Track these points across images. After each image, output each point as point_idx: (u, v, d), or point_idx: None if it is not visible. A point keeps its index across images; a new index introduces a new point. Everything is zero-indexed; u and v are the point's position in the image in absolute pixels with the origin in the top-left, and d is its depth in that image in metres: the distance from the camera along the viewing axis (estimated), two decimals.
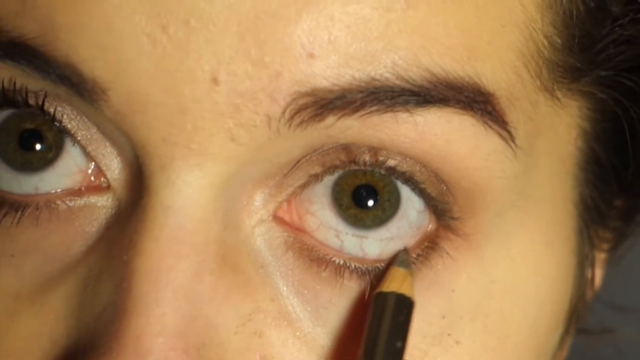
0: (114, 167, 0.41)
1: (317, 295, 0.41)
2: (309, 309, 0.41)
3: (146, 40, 0.37)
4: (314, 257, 0.41)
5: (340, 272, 0.41)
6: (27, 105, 0.41)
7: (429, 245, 0.41)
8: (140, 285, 0.38)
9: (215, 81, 0.37)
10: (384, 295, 0.40)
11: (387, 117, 0.39)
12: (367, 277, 0.41)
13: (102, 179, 0.42)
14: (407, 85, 0.38)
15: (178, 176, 0.38)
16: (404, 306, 0.40)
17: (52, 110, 0.40)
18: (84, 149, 0.41)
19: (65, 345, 0.40)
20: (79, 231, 0.41)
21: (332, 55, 0.38)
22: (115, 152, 0.41)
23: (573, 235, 0.47)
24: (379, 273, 0.41)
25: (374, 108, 0.38)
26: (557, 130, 0.45)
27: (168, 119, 0.38)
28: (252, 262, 0.40)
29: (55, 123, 0.41)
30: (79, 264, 0.41)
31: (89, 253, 0.41)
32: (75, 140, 0.41)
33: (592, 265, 0.51)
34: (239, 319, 0.40)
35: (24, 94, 0.40)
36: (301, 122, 0.38)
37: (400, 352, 0.39)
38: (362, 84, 0.38)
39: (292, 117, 0.38)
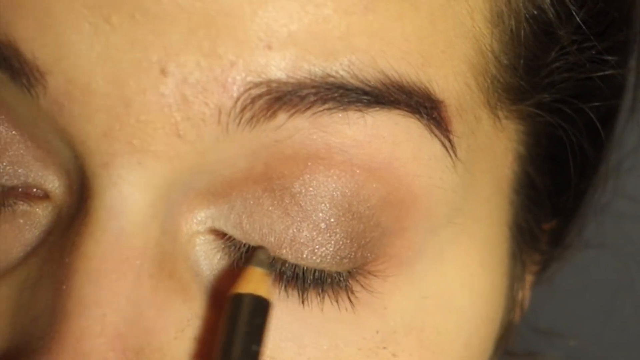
0: (52, 180, 0.40)
1: None
2: None
3: (88, 27, 0.37)
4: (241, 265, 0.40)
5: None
6: None
7: (356, 270, 0.41)
8: (81, 287, 0.37)
9: (163, 72, 0.37)
10: (240, 297, 0.39)
11: (338, 117, 0.38)
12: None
13: (40, 190, 0.41)
14: (361, 85, 0.38)
15: (120, 175, 0.38)
16: (261, 308, 0.39)
17: None
18: (23, 187, 0.40)
19: None
20: (19, 235, 0.41)
21: (290, 48, 0.37)
22: (51, 166, 0.40)
23: (507, 257, 0.47)
24: None
25: (326, 106, 0.38)
26: (495, 151, 0.45)
27: (110, 111, 0.37)
28: (189, 270, 0.40)
29: None
30: (17, 268, 0.40)
31: (28, 258, 0.40)
32: (12, 189, 0.40)
33: (523, 288, 0.51)
34: (179, 324, 0.39)
35: None
36: (252, 117, 0.37)
37: (256, 355, 0.38)
38: (317, 79, 0.38)
39: (243, 110, 0.37)
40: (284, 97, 0.38)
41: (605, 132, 0.52)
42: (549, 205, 0.51)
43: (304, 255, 0.40)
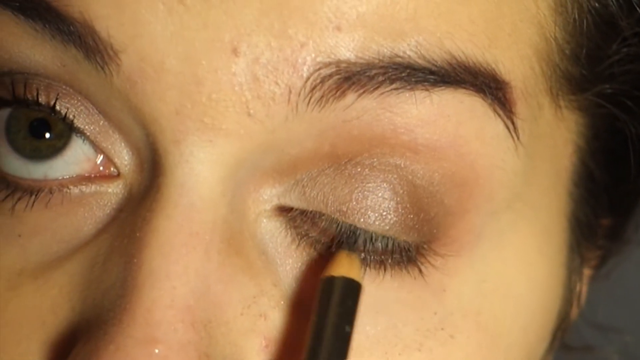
0: (123, 155, 0.41)
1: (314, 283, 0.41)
2: (309, 295, 0.41)
3: (162, 7, 0.37)
4: (305, 243, 0.41)
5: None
6: (38, 104, 0.41)
7: (417, 251, 0.42)
8: (152, 260, 0.38)
9: (235, 52, 0.37)
10: (332, 280, 0.40)
11: (405, 96, 0.39)
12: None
13: (112, 168, 0.42)
14: (428, 65, 0.39)
15: (191, 152, 0.39)
16: (352, 290, 0.40)
17: (62, 110, 0.40)
18: (92, 142, 0.41)
19: (68, 317, 0.40)
20: (89, 214, 0.42)
21: (359, 30, 0.38)
22: (123, 140, 0.41)
23: (565, 248, 0.48)
24: None
25: (393, 86, 0.39)
26: (556, 140, 0.45)
27: (182, 89, 0.38)
28: (255, 248, 0.41)
29: (65, 121, 0.41)
30: (88, 245, 0.41)
31: (99, 235, 0.41)
32: (84, 136, 0.41)
33: (581, 281, 0.52)
34: (245, 300, 0.40)
35: (34, 92, 0.40)
36: (321, 97, 0.38)
37: (348, 336, 0.39)
38: (385, 60, 0.38)
39: (312, 90, 0.38)
40: (352, 77, 0.38)
41: None
42: (607, 200, 0.51)
43: (371, 220, 0.40)
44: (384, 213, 0.40)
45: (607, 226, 0.54)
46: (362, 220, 0.40)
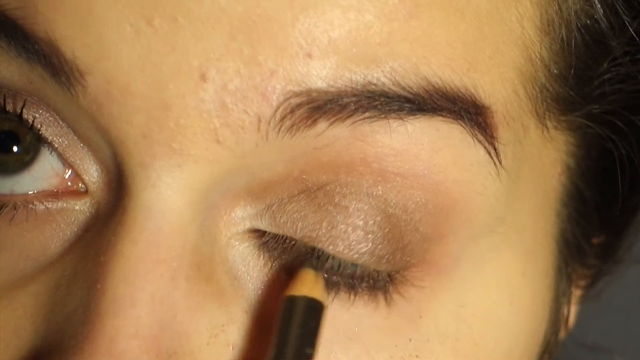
0: (92, 172, 0.40)
1: None
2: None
3: (129, 29, 0.37)
4: (278, 267, 0.40)
5: None
6: (5, 111, 0.40)
7: (390, 279, 0.41)
8: (116, 287, 0.37)
9: (203, 78, 0.37)
10: (294, 299, 0.39)
11: (378, 125, 0.38)
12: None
13: (80, 184, 0.41)
14: (403, 93, 0.38)
15: (159, 177, 0.38)
16: (315, 311, 0.39)
17: (29, 118, 0.40)
18: (61, 155, 0.40)
19: (31, 340, 0.39)
20: (56, 232, 0.41)
21: (331, 57, 0.37)
22: (92, 156, 0.40)
23: (551, 270, 0.47)
24: None
25: (367, 114, 0.38)
26: (543, 161, 0.44)
27: (149, 113, 0.37)
28: (227, 273, 0.40)
29: (33, 131, 0.40)
30: (54, 265, 0.40)
31: (65, 254, 0.40)
32: (53, 148, 0.40)
33: (569, 303, 0.51)
34: (212, 329, 0.39)
35: (1, 100, 0.39)
36: (292, 126, 0.37)
37: (309, 357, 0.38)
38: (358, 87, 0.37)
39: (283, 119, 0.37)
40: (324, 107, 0.37)
41: None
42: (598, 220, 0.50)
43: (339, 249, 0.39)
44: (353, 243, 0.40)
45: (599, 245, 0.53)
46: (330, 247, 0.39)
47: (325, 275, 0.40)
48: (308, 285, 0.39)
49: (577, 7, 0.42)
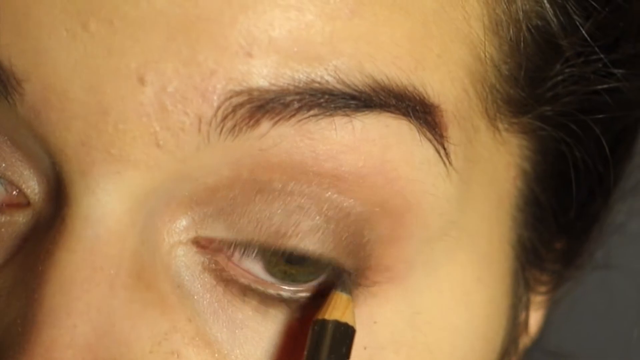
0: (31, 184, 0.39)
1: (231, 316, 0.39)
2: (225, 330, 0.39)
3: (65, 35, 0.36)
4: (226, 277, 0.39)
5: (244, 293, 0.39)
6: None
7: (344, 280, 0.40)
8: (52, 296, 0.37)
9: (141, 80, 0.36)
10: (325, 323, 0.38)
11: (325, 123, 0.37)
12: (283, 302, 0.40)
13: (23, 197, 0.40)
14: (348, 90, 0.37)
15: (97, 184, 0.37)
16: (347, 336, 0.38)
17: None
18: (3, 177, 0.40)
19: None
20: (0, 244, 0.40)
21: (272, 55, 0.36)
22: (31, 168, 0.39)
23: (508, 276, 0.46)
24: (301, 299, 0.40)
25: (311, 112, 0.37)
26: (496, 165, 0.44)
27: (87, 119, 0.36)
28: (169, 281, 0.39)
29: None
30: None
31: (5, 265, 0.40)
32: None
33: (527, 308, 0.50)
34: (155, 337, 0.38)
35: None
36: (234, 127, 0.37)
37: None
38: (301, 85, 0.37)
39: (224, 119, 0.36)
40: (266, 105, 0.37)
41: (620, 149, 0.51)
42: (556, 225, 0.49)
43: (304, 245, 0.39)
44: (302, 246, 0.39)
45: (559, 251, 0.52)
46: (297, 243, 0.39)
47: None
48: (340, 309, 0.39)
49: (527, 7, 0.41)
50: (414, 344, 0.41)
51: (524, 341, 0.52)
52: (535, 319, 0.53)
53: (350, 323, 0.39)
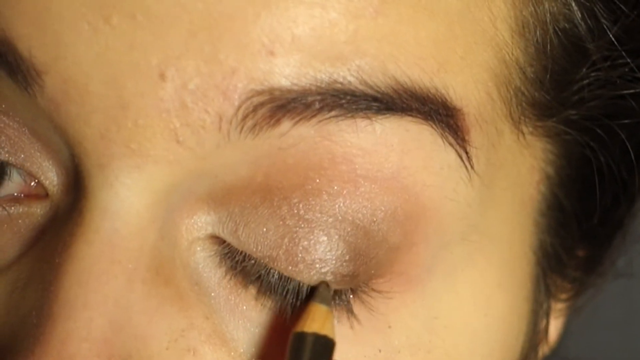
0: (51, 175, 0.39)
1: (247, 315, 0.39)
2: (241, 328, 0.39)
3: (87, 28, 0.36)
4: (242, 276, 0.39)
5: (259, 293, 0.39)
6: None
7: (353, 293, 0.39)
8: (69, 289, 0.36)
9: (162, 76, 0.35)
10: (304, 336, 0.37)
11: (346, 124, 0.37)
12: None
13: (42, 188, 0.40)
14: (370, 91, 0.37)
15: (116, 177, 0.37)
16: (326, 349, 0.38)
17: None
18: (22, 168, 0.40)
19: None
20: (16, 236, 0.40)
21: (295, 54, 0.36)
22: (51, 159, 0.39)
23: (529, 282, 0.45)
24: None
25: (332, 113, 0.36)
26: (519, 169, 0.43)
27: (107, 112, 0.36)
28: (187, 278, 0.39)
29: None
30: (11, 268, 0.39)
31: (22, 257, 0.40)
32: (13, 166, 0.40)
33: (547, 315, 0.49)
34: (172, 333, 0.38)
35: None
36: (254, 126, 0.36)
37: None
38: (323, 86, 0.36)
39: (245, 118, 0.36)
40: (287, 105, 0.36)
41: None
42: (579, 231, 0.48)
43: (299, 269, 0.38)
44: (316, 262, 0.38)
45: (582, 258, 0.51)
46: (290, 268, 0.38)
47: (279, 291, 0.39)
48: (319, 321, 0.38)
49: (554, 10, 0.41)
50: (431, 347, 0.41)
51: (544, 349, 0.51)
52: (555, 326, 0.52)
53: (330, 336, 0.38)
